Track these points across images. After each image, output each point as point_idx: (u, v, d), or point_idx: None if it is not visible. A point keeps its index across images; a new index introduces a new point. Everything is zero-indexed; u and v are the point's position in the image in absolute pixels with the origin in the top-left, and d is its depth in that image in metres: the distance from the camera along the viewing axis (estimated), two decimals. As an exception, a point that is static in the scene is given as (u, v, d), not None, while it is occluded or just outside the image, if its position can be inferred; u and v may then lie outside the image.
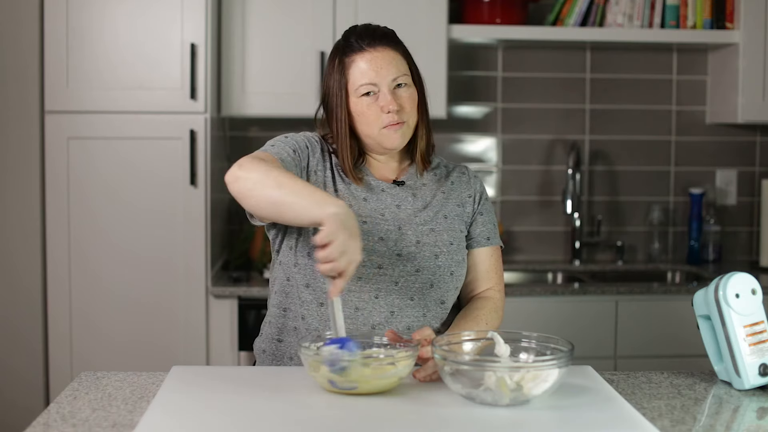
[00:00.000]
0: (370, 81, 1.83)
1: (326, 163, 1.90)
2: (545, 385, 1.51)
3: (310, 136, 1.93)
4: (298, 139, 1.89)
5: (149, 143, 3.10)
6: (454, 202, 1.95)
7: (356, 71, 1.84)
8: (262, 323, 1.97)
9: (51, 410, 1.52)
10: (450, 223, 1.92)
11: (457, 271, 1.89)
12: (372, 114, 1.84)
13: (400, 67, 1.86)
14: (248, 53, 3.31)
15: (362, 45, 1.85)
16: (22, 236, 3.08)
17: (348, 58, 1.85)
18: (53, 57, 3.06)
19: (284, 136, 1.89)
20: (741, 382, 1.69)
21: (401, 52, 1.88)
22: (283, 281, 1.89)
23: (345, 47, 1.87)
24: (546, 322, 3.17)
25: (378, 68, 1.83)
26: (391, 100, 1.83)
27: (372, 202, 1.88)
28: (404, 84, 1.86)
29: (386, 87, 1.84)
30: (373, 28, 1.89)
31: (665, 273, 3.71)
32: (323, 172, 1.88)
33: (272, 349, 1.90)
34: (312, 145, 1.90)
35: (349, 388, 1.55)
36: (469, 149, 3.77)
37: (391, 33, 1.90)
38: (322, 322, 1.82)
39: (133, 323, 3.10)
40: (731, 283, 1.70)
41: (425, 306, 1.85)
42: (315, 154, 1.89)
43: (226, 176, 1.71)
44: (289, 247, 1.87)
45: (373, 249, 1.82)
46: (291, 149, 1.84)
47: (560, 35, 3.51)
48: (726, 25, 3.53)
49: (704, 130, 3.82)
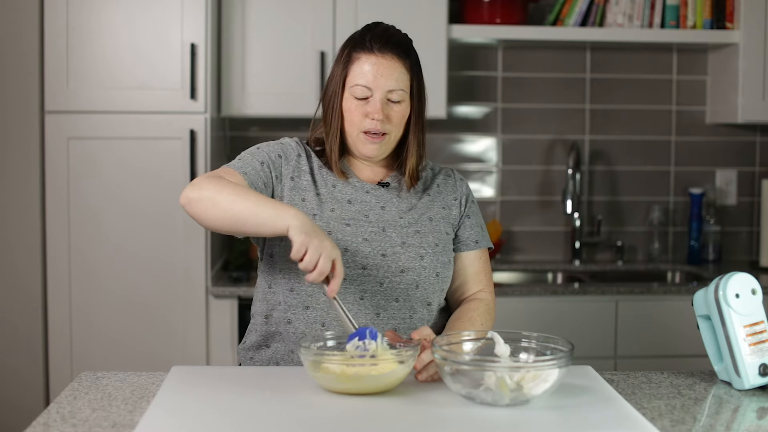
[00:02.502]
0: (366, 84, 1.83)
1: (304, 168, 1.89)
2: (545, 385, 1.50)
3: (288, 142, 1.93)
4: (271, 148, 1.90)
5: (149, 143, 3.10)
6: (439, 205, 1.95)
7: (357, 69, 1.84)
8: (246, 331, 1.97)
9: (51, 410, 1.52)
10: (435, 225, 1.91)
11: (443, 272, 1.89)
12: (357, 115, 1.84)
13: (400, 82, 1.84)
14: (248, 53, 3.31)
15: (372, 47, 1.84)
16: (22, 236, 3.08)
17: (355, 54, 1.85)
18: (53, 57, 3.06)
19: (256, 147, 1.91)
20: (741, 382, 1.69)
21: (408, 66, 1.86)
22: (265, 289, 1.89)
23: (357, 42, 1.86)
24: (546, 322, 3.17)
25: (378, 75, 1.83)
26: (379, 109, 1.82)
27: (356, 204, 1.88)
28: (398, 100, 1.85)
29: (379, 95, 1.83)
30: (390, 34, 1.87)
31: (665, 273, 3.71)
32: (300, 177, 1.88)
33: (260, 356, 1.90)
34: (286, 152, 1.90)
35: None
36: (469, 149, 3.77)
37: (406, 43, 1.89)
38: (309, 326, 1.82)
39: (133, 323, 3.11)
40: (731, 283, 1.70)
41: (411, 307, 1.84)
42: (290, 161, 1.89)
43: (180, 199, 1.75)
44: (269, 254, 1.88)
45: (357, 250, 1.82)
46: (259, 162, 1.86)
47: (560, 35, 3.51)
48: (726, 25, 3.53)
49: (704, 130, 3.82)
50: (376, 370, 1.55)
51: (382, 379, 1.56)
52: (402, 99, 1.85)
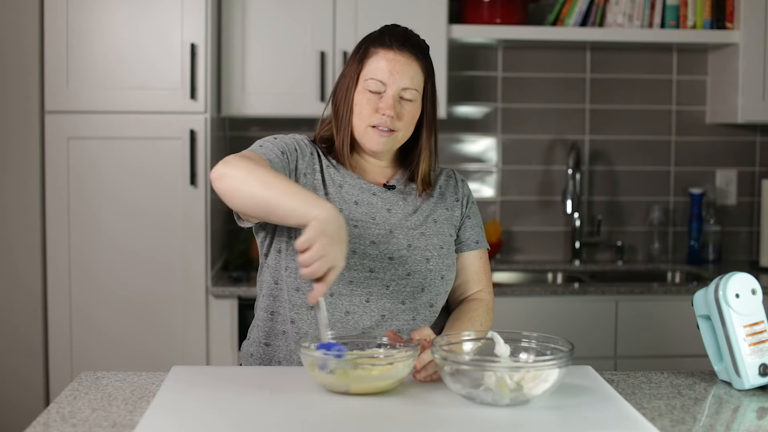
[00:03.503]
0: (381, 79, 1.83)
1: (316, 166, 1.88)
2: (545, 385, 1.50)
3: (300, 138, 1.91)
4: (287, 140, 1.87)
5: (149, 143, 3.10)
6: (442, 207, 1.95)
7: (373, 64, 1.84)
8: (249, 327, 1.96)
9: (51, 410, 1.52)
10: (440, 227, 1.91)
11: (448, 275, 1.89)
12: (367, 109, 1.84)
13: (415, 81, 1.84)
14: (248, 53, 3.31)
15: (392, 43, 1.84)
16: (22, 236, 3.08)
17: (373, 48, 1.85)
18: (53, 57, 3.06)
19: (273, 137, 1.87)
20: (741, 382, 1.69)
21: (423, 68, 1.87)
22: (271, 285, 1.88)
23: (376, 39, 1.86)
24: (546, 322, 3.17)
25: (394, 71, 1.82)
26: (391, 105, 1.82)
27: (363, 206, 1.87)
28: (410, 99, 1.85)
29: (393, 91, 1.83)
30: (410, 36, 1.88)
31: (665, 273, 3.71)
32: (312, 175, 1.87)
33: (260, 353, 1.90)
34: (301, 147, 1.88)
35: (343, 389, 1.56)
36: (469, 149, 3.77)
37: (424, 48, 1.89)
38: (313, 326, 1.81)
39: (133, 323, 3.11)
40: (731, 283, 1.70)
41: (415, 310, 1.84)
42: (304, 156, 1.87)
43: (211, 173, 1.68)
44: (278, 250, 1.86)
45: (365, 252, 1.82)
46: (279, 150, 1.82)
47: (560, 35, 3.51)
48: (726, 25, 3.53)
49: (704, 130, 3.82)
50: (377, 370, 1.55)
51: (382, 379, 1.56)
52: (414, 99, 1.85)
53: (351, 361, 1.55)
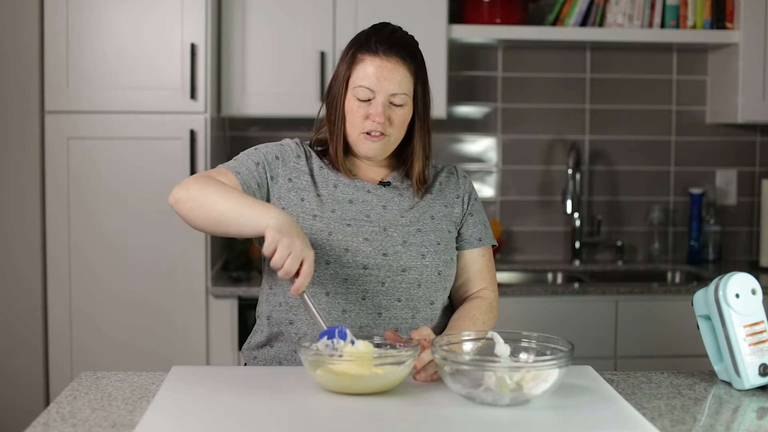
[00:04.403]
0: (369, 86, 1.82)
1: (304, 169, 1.89)
2: (545, 385, 1.50)
3: (287, 143, 1.93)
4: (268, 150, 1.90)
5: (149, 143, 3.10)
6: (441, 203, 1.94)
7: (361, 71, 1.84)
8: (251, 332, 1.97)
9: (51, 410, 1.52)
10: (437, 223, 1.91)
11: (445, 271, 1.89)
12: (358, 116, 1.84)
13: (403, 86, 1.84)
14: (248, 53, 3.31)
15: (377, 49, 1.83)
16: (22, 236, 3.08)
17: (360, 55, 1.85)
18: (53, 57, 3.06)
19: (254, 148, 1.92)
20: (741, 382, 1.69)
21: (412, 70, 1.86)
22: (267, 291, 1.91)
23: (363, 43, 1.85)
24: (546, 322, 3.17)
25: (381, 78, 1.82)
26: (381, 113, 1.82)
27: (357, 204, 1.87)
28: (400, 104, 1.84)
29: (381, 98, 1.83)
30: (397, 36, 1.87)
31: (665, 273, 3.71)
32: (299, 178, 1.88)
33: (263, 355, 1.90)
34: (284, 154, 1.90)
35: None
36: (469, 149, 3.77)
37: (412, 47, 1.88)
38: (312, 326, 1.82)
39: (133, 323, 3.11)
40: (731, 283, 1.70)
41: (414, 307, 1.84)
42: (287, 163, 1.89)
43: (169, 199, 1.77)
44: None
45: (358, 250, 1.82)
46: (254, 162, 1.87)
47: (560, 35, 3.51)
48: (726, 25, 3.53)
49: (704, 130, 3.82)
50: (378, 369, 1.55)
51: (382, 379, 1.56)
52: (404, 103, 1.85)
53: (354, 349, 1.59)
